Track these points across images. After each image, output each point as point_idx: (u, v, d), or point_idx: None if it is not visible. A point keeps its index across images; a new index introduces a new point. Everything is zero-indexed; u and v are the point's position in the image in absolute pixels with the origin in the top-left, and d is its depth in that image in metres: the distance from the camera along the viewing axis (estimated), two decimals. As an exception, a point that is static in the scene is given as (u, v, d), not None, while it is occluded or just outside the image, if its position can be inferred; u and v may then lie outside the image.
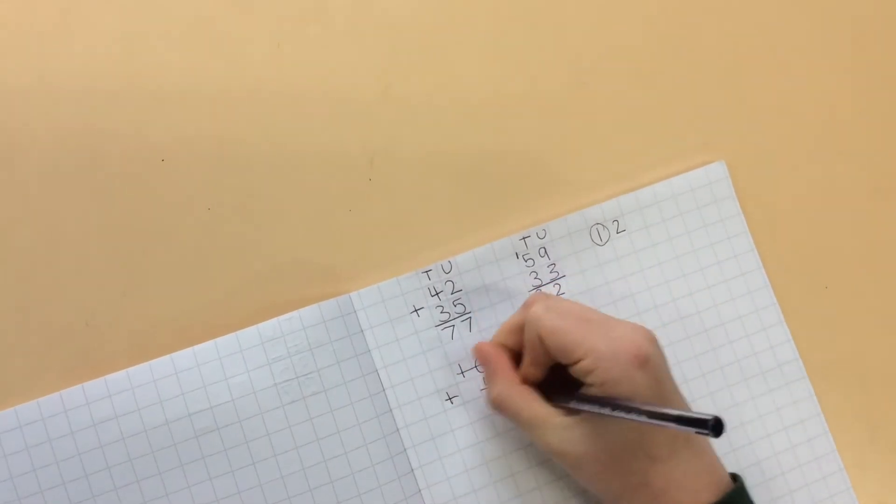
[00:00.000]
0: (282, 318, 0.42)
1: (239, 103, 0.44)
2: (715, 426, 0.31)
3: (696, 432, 0.31)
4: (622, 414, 0.34)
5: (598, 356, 0.36)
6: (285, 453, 0.42)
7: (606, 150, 0.46)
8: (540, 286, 0.44)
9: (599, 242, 0.45)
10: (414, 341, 0.43)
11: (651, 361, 0.36)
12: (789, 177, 0.47)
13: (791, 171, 0.47)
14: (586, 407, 0.36)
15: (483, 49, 0.46)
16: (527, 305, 0.40)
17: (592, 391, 0.37)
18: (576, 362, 0.37)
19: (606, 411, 0.35)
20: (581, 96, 0.46)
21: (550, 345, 0.38)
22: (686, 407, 0.38)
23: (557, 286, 0.45)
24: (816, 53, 0.48)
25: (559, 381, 0.39)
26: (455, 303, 0.44)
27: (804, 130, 0.48)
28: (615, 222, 0.45)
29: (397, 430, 0.43)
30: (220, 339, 0.42)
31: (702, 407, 0.44)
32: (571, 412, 0.38)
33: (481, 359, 0.43)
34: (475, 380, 0.44)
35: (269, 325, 0.42)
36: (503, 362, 0.41)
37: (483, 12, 0.46)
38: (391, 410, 0.43)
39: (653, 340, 0.37)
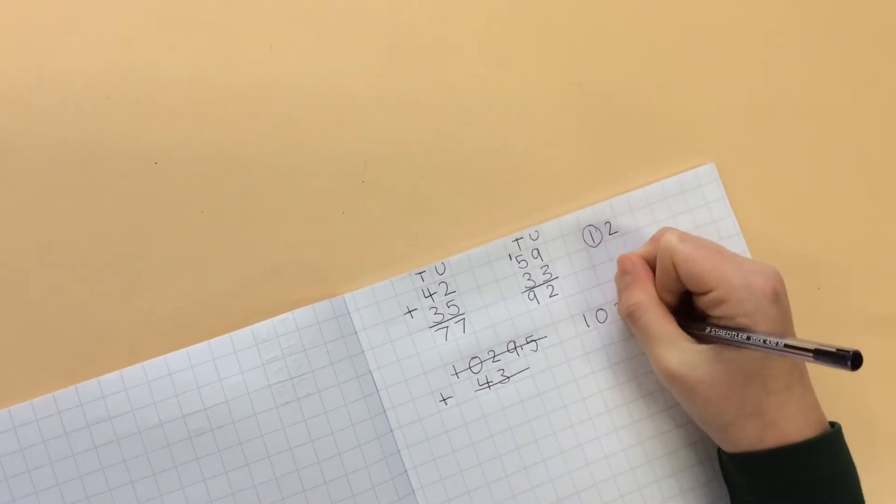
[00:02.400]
0: (276, 319, 0.42)
1: (233, 106, 0.44)
2: (854, 359, 0.31)
3: (834, 366, 0.32)
4: (757, 344, 0.35)
5: (731, 287, 0.37)
6: (279, 454, 0.42)
7: (599, 151, 0.46)
8: (533, 287, 0.45)
9: (592, 244, 0.45)
10: (408, 342, 0.44)
11: (781, 297, 0.37)
12: (780, 178, 0.48)
13: (782, 172, 0.48)
14: (721, 334, 0.37)
15: (477, 51, 0.46)
16: (656, 238, 0.42)
17: (721, 322, 0.38)
18: (707, 292, 0.38)
19: (740, 339, 0.36)
20: (574, 99, 0.47)
21: (683, 272, 0.39)
22: None
23: (550, 287, 0.45)
24: (808, 55, 0.49)
25: (685, 312, 0.41)
26: (449, 304, 0.44)
27: (795, 132, 0.48)
28: (607, 224, 0.46)
29: (391, 431, 0.43)
30: (213, 341, 0.42)
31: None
32: (697, 339, 0.39)
33: (626, 266, 0.42)
34: (469, 381, 0.44)
35: (263, 327, 0.42)
36: (646, 274, 0.42)
37: (477, 14, 0.46)
38: (385, 411, 0.43)
39: (781, 278, 0.38)
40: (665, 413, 0.44)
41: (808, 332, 0.46)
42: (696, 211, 0.46)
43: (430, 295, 0.44)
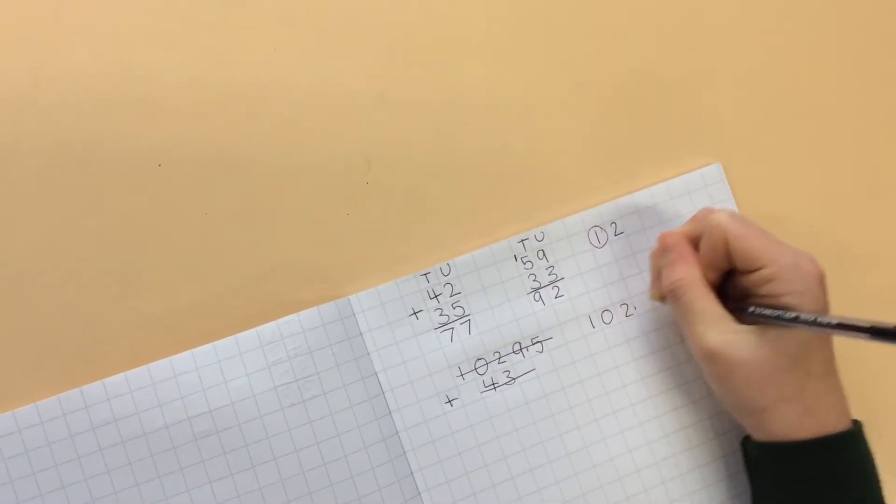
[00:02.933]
0: (281, 321, 0.42)
1: (236, 107, 0.44)
2: None
3: (892, 342, 0.32)
4: (808, 323, 0.35)
5: (782, 266, 0.37)
6: (285, 456, 0.42)
7: (604, 152, 0.46)
8: (539, 288, 0.45)
9: (598, 245, 0.45)
10: (413, 344, 0.43)
11: (825, 283, 0.38)
12: (785, 179, 0.48)
13: (787, 173, 0.48)
14: (767, 313, 0.37)
15: (479, 52, 0.46)
16: (698, 218, 0.41)
17: (767, 301, 0.38)
18: (756, 269, 0.38)
19: (788, 317, 0.36)
20: (578, 99, 0.46)
21: (736, 248, 0.38)
22: None
23: (556, 288, 0.45)
24: (813, 56, 0.49)
25: (726, 294, 0.40)
26: (454, 305, 0.44)
27: (800, 133, 0.48)
28: (613, 225, 0.45)
29: (397, 432, 0.43)
30: (219, 343, 0.42)
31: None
32: (741, 320, 0.39)
33: (669, 243, 0.42)
34: (474, 382, 0.44)
35: (268, 328, 0.42)
36: (690, 251, 0.41)
37: (479, 15, 0.46)
38: (390, 413, 0.43)
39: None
40: (672, 414, 0.44)
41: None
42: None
43: (436, 296, 0.44)
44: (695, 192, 0.46)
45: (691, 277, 0.40)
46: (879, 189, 0.48)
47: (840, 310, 0.47)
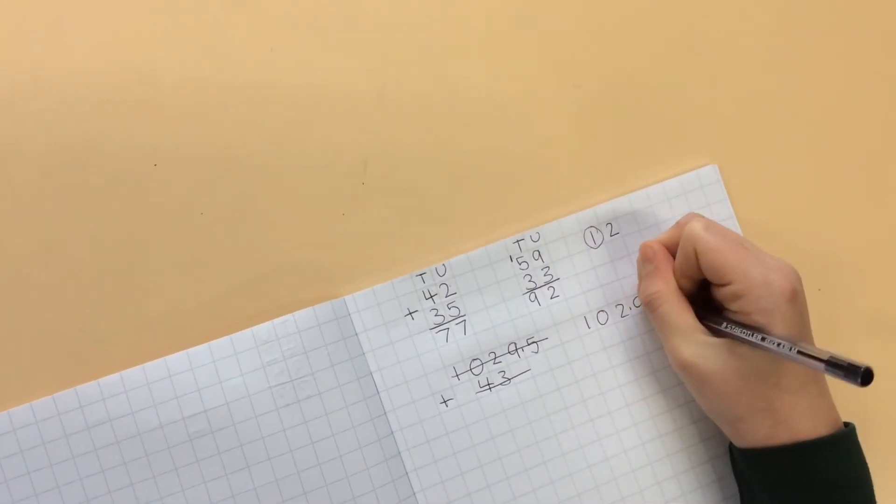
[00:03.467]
0: (276, 321, 0.42)
1: (232, 107, 0.44)
2: (864, 376, 0.31)
3: (844, 378, 0.32)
4: (771, 346, 0.35)
5: (750, 283, 0.37)
6: (280, 456, 0.42)
7: (600, 153, 0.46)
8: (534, 289, 0.45)
9: (593, 245, 0.45)
10: (408, 344, 0.43)
11: (799, 297, 0.37)
12: (781, 180, 0.48)
13: (783, 174, 0.48)
14: (736, 331, 0.37)
15: (477, 52, 0.46)
16: (681, 223, 0.42)
17: (737, 317, 0.38)
18: (726, 284, 0.38)
19: (755, 340, 0.36)
20: (575, 99, 0.46)
21: (705, 262, 0.39)
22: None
23: (551, 289, 0.45)
24: (809, 56, 0.49)
25: (703, 301, 0.41)
26: (449, 305, 0.44)
27: (796, 133, 0.48)
28: (609, 225, 0.45)
29: (392, 433, 0.43)
30: (214, 342, 0.42)
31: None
32: (713, 332, 0.39)
33: (647, 254, 0.42)
34: (470, 382, 0.44)
35: (263, 328, 0.42)
36: (667, 263, 0.42)
37: (477, 15, 0.46)
38: (386, 413, 0.43)
39: (799, 278, 0.38)
40: (667, 414, 0.44)
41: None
42: (698, 212, 0.46)
43: (431, 296, 0.44)
44: (691, 193, 0.46)
45: (666, 291, 0.41)
46: (876, 190, 0.48)
47: (838, 311, 0.47)
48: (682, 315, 0.40)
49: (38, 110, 0.42)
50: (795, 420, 0.37)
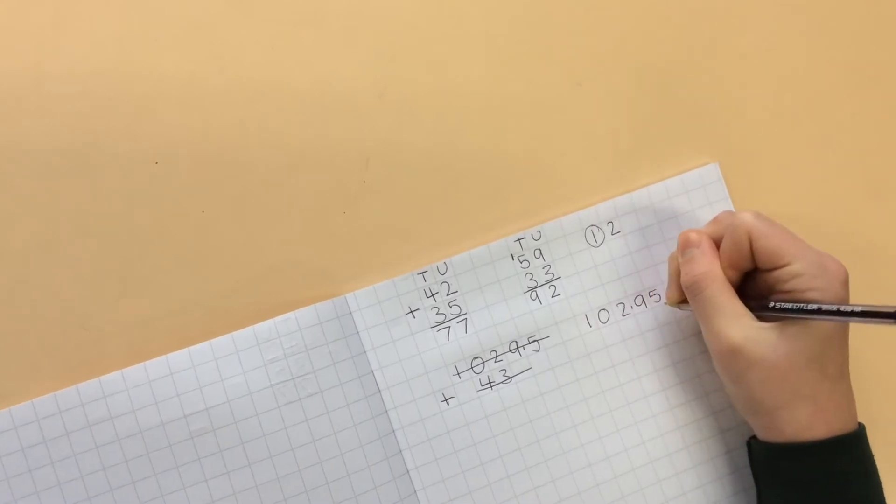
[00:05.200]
0: (278, 319, 0.42)
1: (233, 105, 0.44)
2: None
3: None
4: (827, 316, 0.35)
5: (808, 263, 0.38)
6: (281, 454, 0.42)
7: (601, 151, 0.46)
8: (535, 287, 0.45)
9: (595, 244, 0.45)
10: (410, 343, 0.43)
11: (848, 285, 0.38)
12: (783, 179, 0.48)
13: (784, 172, 0.48)
14: (788, 306, 0.37)
15: (478, 51, 0.46)
16: (719, 220, 0.42)
17: (790, 296, 0.38)
18: (783, 266, 0.38)
19: (811, 312, 0.36)
20: (576, 98, 0.46)
21: (761, 246, 0.39)
22: None
23: (552, 287, 0.45)
24: (811, 55, 0.49)
25: (743, 295, 0.40)
26: (451, 304, 0.44)
27: (798, 132, 0.48)
28: (610, 224, 0.45)
29: (393, 431, 0.43)
30: (215, 341, 0.42)
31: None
32: (760, 319, 0.39)
33: (690, 239, 0.41)
34: (471, 381, 0.44)
35: (264, 327, 0.42)
36: (713, 247, 0.41)
37: (479, 14, 0.46)
38: (387, 412, 0.43)
39: None
40: (669, 413, 0.44)
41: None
42: (699, 211, 0.46)
43: (433, 295, 0.44)
44: (692, 192, 0.46)
45: (714, 272, 0.40)
46: (877, 189, 0.48)
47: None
48: (730, 297, 0.39)
49: (38, 109, 0.42)
50: (832, 410, 0.37)
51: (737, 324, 0.38)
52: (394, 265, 0.44)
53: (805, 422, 0.37)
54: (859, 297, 0.47)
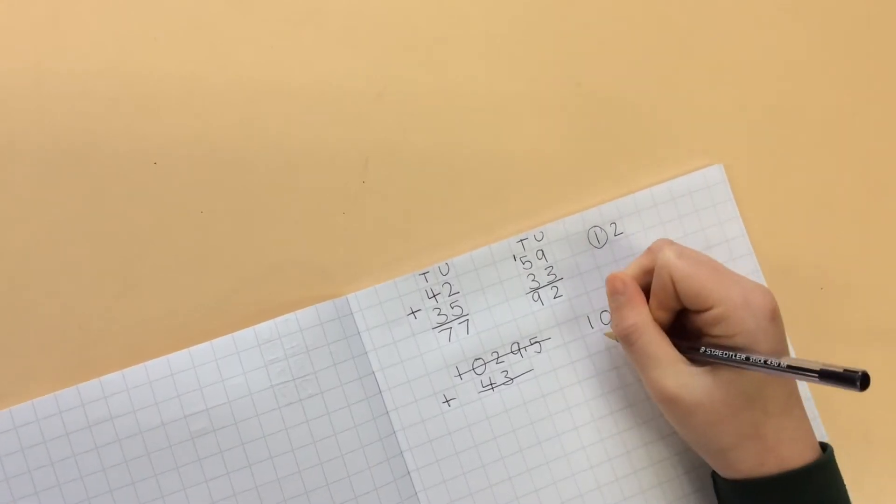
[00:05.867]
0: (278, 319, 0.42)
1: (232, 105, 0.43)
2: (862, 380, 0.31)
3: (841, 386, 0.31)
4: (759, 365, 0.35)
5: (732, 305, 0.36)
6: (282, 455, 0.41)
7: (604, 152, 0.46)
8: (538, 288, 0.44)
9: (597, 245, 0.45)
10: (411, 343, 0.43)
11: (778, 317, 0.37)
12: (786, 180, 0.47)
13: (788, 174, 0.47)
14: (718, 354, 0.36)
15: (478, 51, 0.46)
16: (653, 250, 0.40)
17: (719, 341, 0.37)
18: (707, 309, 0.37)
19: (740, 360, 0.35)
20: (578, 98, 0.46)
21: (683, 290, 0.38)
22: None
23: (555, 288, 0.45)
24: (814, 56, 0.48)
25: (677, 331, 0.40)
26: (452, 305, 0.44)
27: (802, 134, 0.48)
28: (613, 225, 0.45)
29: (394, 432, 0.43)
30: (216, 341, 0.42)
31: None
32: (691, 361, 0.38)
33: (616, 287, 0.40)
34: (472, 382, 0.43)
35: (265, 327, 0.42)
36: (639, 294, 0.40)
37: (479, 14, 0.46)
38: (388, 413, 0.43)
39: (774, 297, 0.37)
40: (669, 416, 0.44)
41: (809, 332, 0.46)
42: (703, 212, 0.46)
43: (434, 296, 0.44)
44: (696, 193, 0.46)
45: (642, 322, 0.39)
46: (880, 190, 0.48)
47: (840, 309, 0.47)
48: (661, 346, 0.39)
49: (37, 108, 0.42)
50: (783, 446, 0.37)
51: (671, 372, 0.38)
52: (395, 266, 0.44)
53: (756, 459, 0.37)
54: (860, 298, 0.47)
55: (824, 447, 0.39)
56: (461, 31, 0.46)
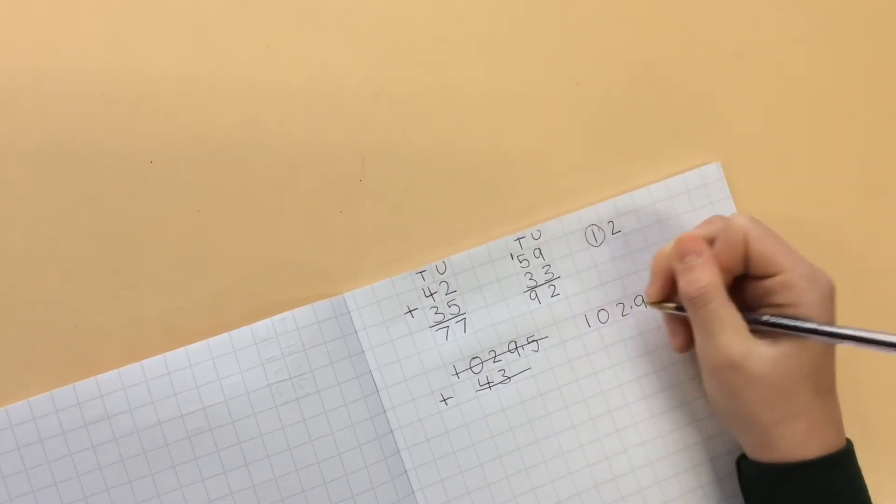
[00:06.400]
0: (275, 318, 0.42)
1: (229, 104, 0.43)
2: None
3: None
4: (822, 336, 0.35)
5: (798, 274, 0.37)
6: (279, 454, 0.41)
7: (601, 150, 0.46)
8: (535, 287, 0.44)
9: (595, 243, 0.45)
10: (408, 342, 0.43)
11: (835, 297, 0.38)
12: (784, 178, 0.47)
13: (786, 172, 0.47)
14: (783, 322, 0.37)
15: (476, 49, 0.46)
16: (710, 222, 0.40)
17: (780, 310, 0.37)
18: (773, 275, 0.37)
19: (806, 330, 0.36)
20: (575, 96, 0.46)
21: (756, 250, 0.38)
22: None
23: (552, 287, 0.44)
24: (812, 54, 0.48)
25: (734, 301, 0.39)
26: (449, 303, 0.44)
27: (799, 132, 0.48)
28: (610, 223, 0.45)
29: (391, 431, 0.43)
30: (213, 339, 0.42)
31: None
32: (753, 332, 0.38)
33: (692, 247, 0.39)
34: (469, 381, 0.43)
35: (262, 326, 0.42)
36: (713, 256, 0.39)
37: (476, 13, 0.46)
38: (385, 412, 0.43)
39: None
40: (666, 415, 0.44)
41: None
42: (701, 210, 0.46)
43: (431, 294, 0.44)
44: (694, 191, 0.46)
45: (717, 284, 0.38)
46: (879, 187, 0.48)
47: (841, 308, 0.47)
48: (732, 310, 0.38)
49: (34, 107, 0.42)
50: (826, 426, 0.37)
51: (740, 338, 0.37)
52: (392, 264, 0.44)
53: (800, 438, 0.37)
54: (861, 298, 0.47)
55: None
56: (458, 30, 0.46)
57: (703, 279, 0.38)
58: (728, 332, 0.37)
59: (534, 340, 0.44)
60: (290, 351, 0.42)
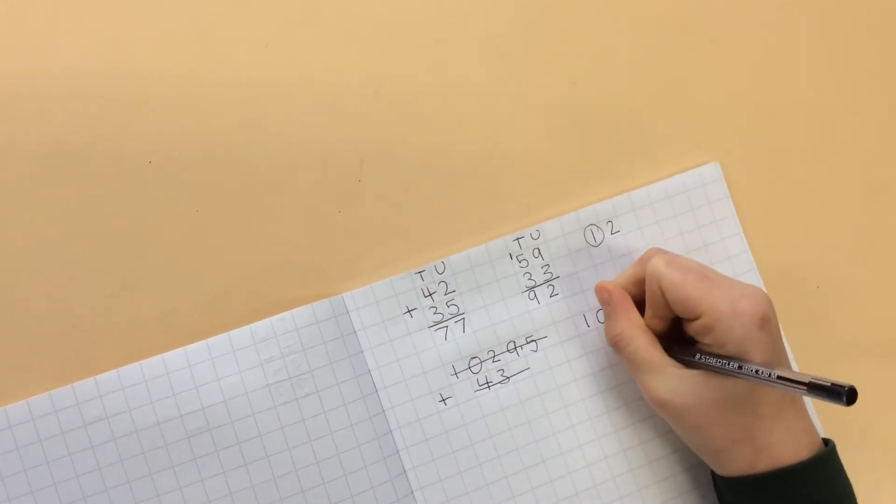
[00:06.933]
0: (274, 318, 0.42)
1: (228, 104, 0.43)
2: (849, 395, 0.31)
3: (828, 400, 0.32)
4: (749, 375, 0.35)
5: (719, 315, 0.36)
6: (278, 454, 0.41)
7: (600, 150, 0.46)
8: (534, 287, 0.44)
9: (594, 243, 0.45)
10: (407, 342, 0.43)
11: (770, 322, 0.37)
12: (782, 178, 0.47)
13: (785, 172, 0.47)
14: (711, 362, 0.37)
15: (474, 49, 0.46)
16: (644, 259, 0.41)
17: (711, 349, 0.37)
18: (695, 318, 0.38)
19: (731, 369, 0.36)
20: (573, 96, 0.46)
21: (671, 299, 0.38)
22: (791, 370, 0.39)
23: (551, 287, 0.44)
24: (811, 54, 0.48)
25: (676, 336, 0.40)
26: (448, 304, 0.44)
27: (798, 132, 0.48)
28: (609, 223, 0.45)
29: (390, 431, 0.43)
30: (212, 340, 0.42)
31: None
32: (685, 364, 0.38)
33: (603, 296, 0.42)
34: (468, 381, 0.43)
35: (261, 326, 0.42)
36: (626, 302, 0.41)
37: (474, 12, 0.46)
38: (384, 412, 0.43)
39: (769, 301, 0.37)
40: (666, 414, 0.44)
41: (805, 330, 0.46)
42: (699, 210, 0.46)
43: (430, 294, 0.44)
44: (692, 191, 0.46)
45: (631, 329, 0.40)
46: (877, 188, 0.48)
47: (835, 308, 0.47)
48: (650, 351, 0.39)
49: (32, 107, 0.42)
50: (775, 446, 0.37)
51: (660, 377, 0.38)
52: (391, 264, 0.44)
53: (747, 461, 0.37)
54: (857, 295, 0.47)
55: (826, 442, 0.39)
56: (458, 30, 0.46)
57: (616, 327, 0.41)
58: (647, 372, 0.39)
59: (533, 340, 0.44)
60: (290, 351, 0.42)
